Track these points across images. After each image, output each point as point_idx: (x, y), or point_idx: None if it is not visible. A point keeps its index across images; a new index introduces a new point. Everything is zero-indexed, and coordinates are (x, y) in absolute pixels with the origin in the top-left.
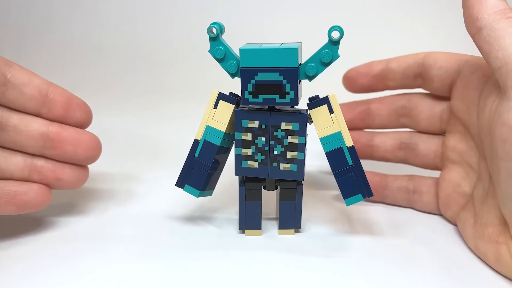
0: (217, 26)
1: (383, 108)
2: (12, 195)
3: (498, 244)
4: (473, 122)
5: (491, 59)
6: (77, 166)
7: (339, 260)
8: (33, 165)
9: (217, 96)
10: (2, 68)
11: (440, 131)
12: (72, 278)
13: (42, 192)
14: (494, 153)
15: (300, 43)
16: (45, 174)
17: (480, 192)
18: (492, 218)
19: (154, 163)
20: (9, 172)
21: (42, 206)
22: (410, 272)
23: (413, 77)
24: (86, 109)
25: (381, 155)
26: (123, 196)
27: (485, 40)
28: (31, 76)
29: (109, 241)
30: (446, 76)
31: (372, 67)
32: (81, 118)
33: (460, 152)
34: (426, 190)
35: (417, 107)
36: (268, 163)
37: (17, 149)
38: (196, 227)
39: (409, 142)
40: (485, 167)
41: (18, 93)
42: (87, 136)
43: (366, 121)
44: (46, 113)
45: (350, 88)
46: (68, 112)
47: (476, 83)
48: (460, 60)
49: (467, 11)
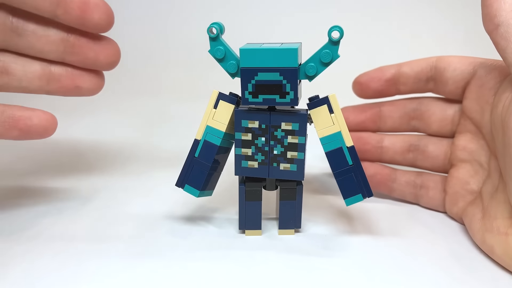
0: (217, 26)
1: (394, 110)
2: (16, 120)
3: (507, 236)
4: (485, 121)
5: (508, 54)
6: (95, 74)
7: (339, 260)
8: (51, 74)
9: (217, 96)
10: None
11: (451, 133)
12: (72, 278)
13: (46, 118)
14: (507, 144)
15: (300, 43)
16: (63, 82)
17: (489, 188)
18: (501, 211)
19: (154, 163)
20: (27, 81)
21: (46, 134)
22: (410, 272)
23: (425, 80)
24: (106, 9)
25: (390, 157)
26: (123, 196)
27: (503, 36)
28: None
29: (109, 241)
30: (461, 77)
31: (384, 71)
32: (100, 20)
33: (470, 151)
34: (433, 186)
35: (428, 109)
36: (268, 163)
37: (36, 55)
38: (196, 227)
39: (418, 144)
40: (495, 165)
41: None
42: (107, 41)
43: (377, 123)
44: (62, 14)
45: (362, 94)
46: (86, 13)
47: (491, 82)
48: (474, 62)
49: (485, 9)
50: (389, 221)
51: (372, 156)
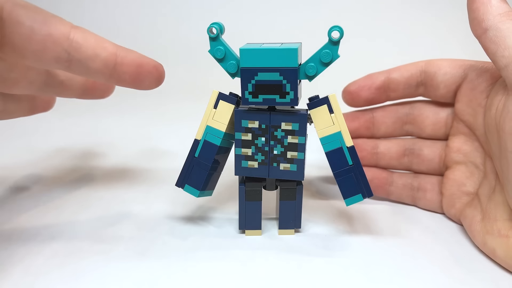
0: (217, 26)
1: (387, 116)
2: None
3: (508, 238)
4: (479, 123)
5: (498, 58)
6: None
7: (339, 260)
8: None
9: (217, 96)
10: (64, 43)
11: (445, 136)
12: (72, 278)
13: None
14: (503, 147)
15: (300, 43)
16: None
17: (486, 190)
18: (501, 213)
19: (154, 163)
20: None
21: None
22: (410, 272)
23: (416, 86)
24: (158, 75)
25: (386, 162)
26: (123, 196)
27: (491, 40)
28: (95, 49)
29: (109, 241)
30: (452, 81)
31: (373, 79)
32: (150, 84)
33: (465, 153)
34: (430, 188)
35: (421, 113)
36: (268, 163)
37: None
38: (196, 227)
39: (413, 148)
40: (491, 166)
41: (83, 67)
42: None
43: (371, 130)
44: (115, 83)
45: (352, 103)
46: (137, 80)
47: (483, 85)
48: (464, 65)
49: (472, 14)
50: (388, 221)
51: (368, 163)
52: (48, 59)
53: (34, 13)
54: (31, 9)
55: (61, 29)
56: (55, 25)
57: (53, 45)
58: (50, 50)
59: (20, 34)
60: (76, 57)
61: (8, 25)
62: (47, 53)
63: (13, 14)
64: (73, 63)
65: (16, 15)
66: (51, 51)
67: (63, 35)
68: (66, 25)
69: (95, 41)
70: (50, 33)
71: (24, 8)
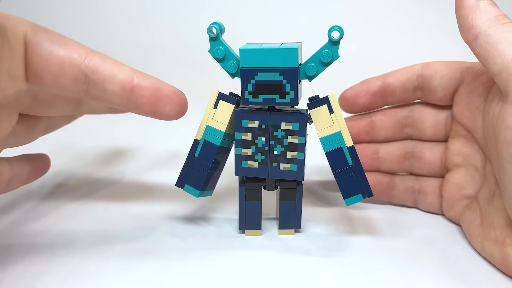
0: (217, 26)
1: (386, 119)
2: None
3: (504, 245)
4: (478, 126)
5: (490, 65)
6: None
7: (339, 260)
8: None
9: (217, 96)
10: (81, 64)
11: (445, 138)
12: (72, 278)
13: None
14: (500, 155)
15: (300, 43)
16: None
17: (486, 193)
18: (498, 219)
19: (154, 163)
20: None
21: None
22: (410, 272)
23: (413, 90)
24: (178, 100)
25: (388, 166)
26: (123, 196)
27: (482, 46)
28: (112, 70)
29: (109, 241)
30: (449, 84)
31: (369, 84)
32: (171, 111)
33: (465, 156)
34: (431, 191)
35: (421, 116)
36: (268, 163)
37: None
38: (196, 227)
39: (414, 150)
40: (491, 170)
41: (100, 90)
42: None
43: (371, 134)
44: (133, 108)
45: (350, 109)
46: (157, 106)
47: (480, 89)
48: (460, 67)
49: (461, 20)
50: (389, 221)
51: (370, 168)
52: (66, 82)
53: (54, 36)
54: (50, 33)
55: (79, 51)
56: (73, 47)
57: (70, 66)
58: (68, 71)
59: (39, 56)
60: (93, 79)
61: (29, 49)
62: (64, 75)
63: (34, 38)
64: (91, 86)
65: (36, 38)
66: (68, 73)
67: (80, 57)
68: (84, 48)
69: (112, 63)
70: (68, 55)
71: (45, 32)
